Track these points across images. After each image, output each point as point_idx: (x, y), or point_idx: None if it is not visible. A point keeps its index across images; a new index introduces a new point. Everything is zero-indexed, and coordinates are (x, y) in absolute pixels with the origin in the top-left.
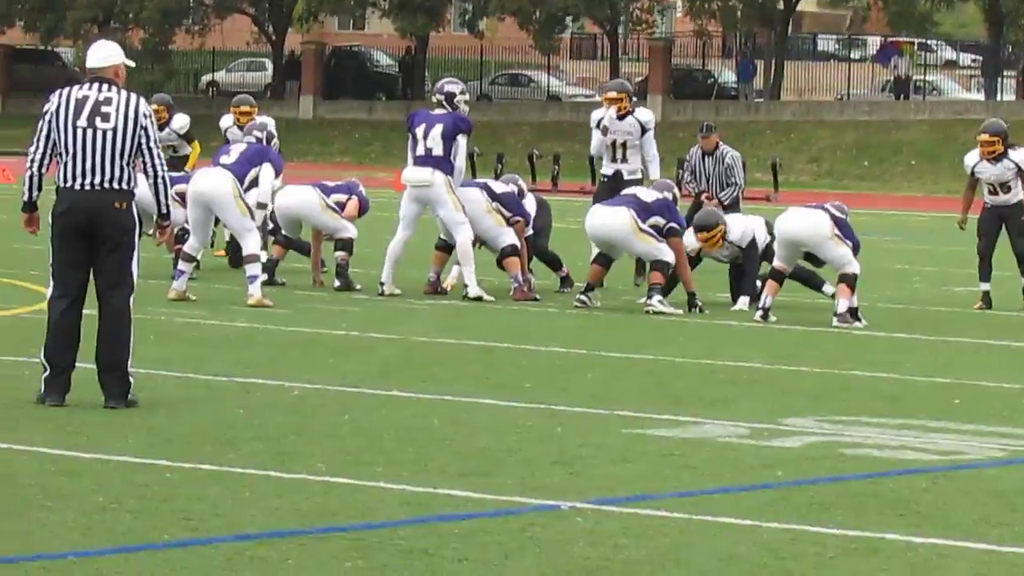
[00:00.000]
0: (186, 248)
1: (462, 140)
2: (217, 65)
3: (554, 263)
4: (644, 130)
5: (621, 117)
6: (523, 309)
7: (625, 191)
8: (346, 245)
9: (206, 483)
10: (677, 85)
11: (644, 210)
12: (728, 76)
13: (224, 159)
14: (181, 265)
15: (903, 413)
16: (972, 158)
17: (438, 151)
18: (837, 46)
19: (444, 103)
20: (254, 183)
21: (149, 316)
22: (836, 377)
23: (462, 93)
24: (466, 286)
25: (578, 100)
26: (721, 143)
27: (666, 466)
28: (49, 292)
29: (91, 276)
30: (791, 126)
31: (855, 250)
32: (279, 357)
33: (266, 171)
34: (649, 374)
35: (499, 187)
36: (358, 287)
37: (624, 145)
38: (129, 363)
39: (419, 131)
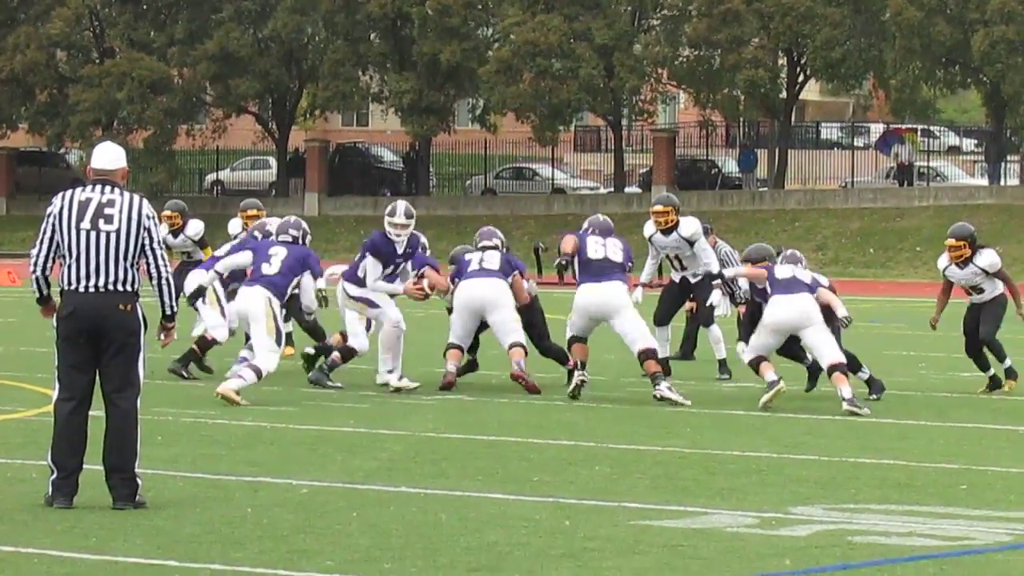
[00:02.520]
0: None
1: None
2: (221, 164)
3: (560, 357)
4: (691, 243)
5: (666, 232)
6: (530, 403)
7: None
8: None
9: None
10: (682, 175)
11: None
12: (732, 166)
13: (266, 268)
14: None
15: (911, 500)
16: (943, 261)
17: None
18: (840, 134)
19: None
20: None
21: (155, 416)
22: (843, 465)
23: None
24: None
25: (582, 192)
26: (719, 240)
27: (675, 557)
28: (55, 395)
29: (96, 377)
30: (796, 214)
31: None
32: (287, 455)
33: (307, 281)
34: (657, 465)
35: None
36: (338, 386)
37: (677, 257)
38: (136, 464)
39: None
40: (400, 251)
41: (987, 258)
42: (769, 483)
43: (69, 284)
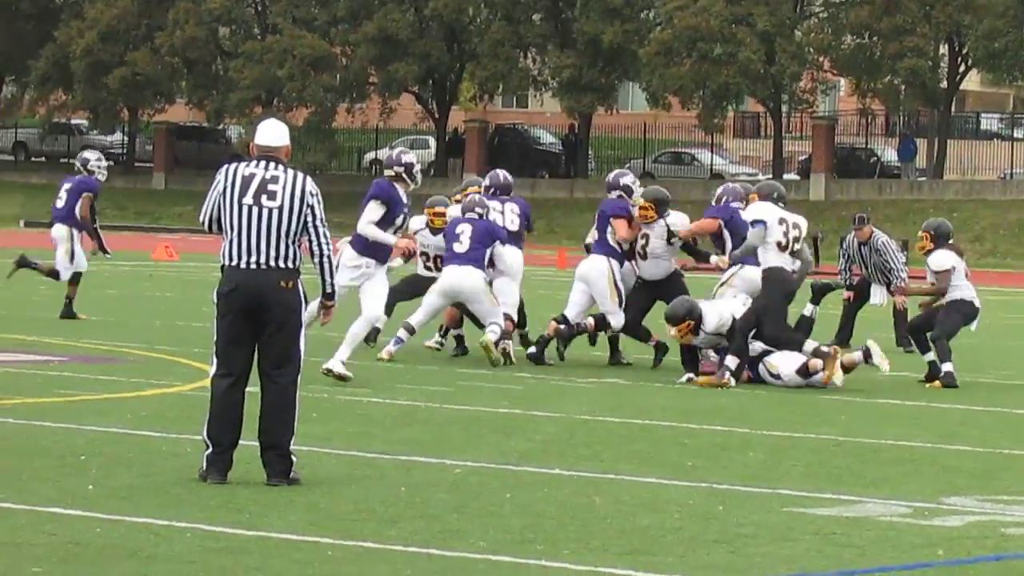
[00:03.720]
0: (411, 320)
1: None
2: (380, 143)
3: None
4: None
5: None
6: (685, 388)
7: None
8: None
9: (368, 561)
10: (840, 164)
11: None
12: (891, 155)
13: (457, 247)
14: (401, 333)
15: None
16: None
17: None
18: (1000, 125)
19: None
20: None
21: (311, 394)
22: (998, 456)
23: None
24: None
25: (741, 178)
26: (875, 231)
27: (827, 545)
28: (212, 370)
29: (254, 354)
30: (954, 205)
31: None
32: (441, 435)
33: (499, 249)
34: (811, 452)
35: None
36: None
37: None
38: (292, 441)
39: None
40: (406, 201)
41: (935, 258)
42: (923, 473)
43: (230, 260)
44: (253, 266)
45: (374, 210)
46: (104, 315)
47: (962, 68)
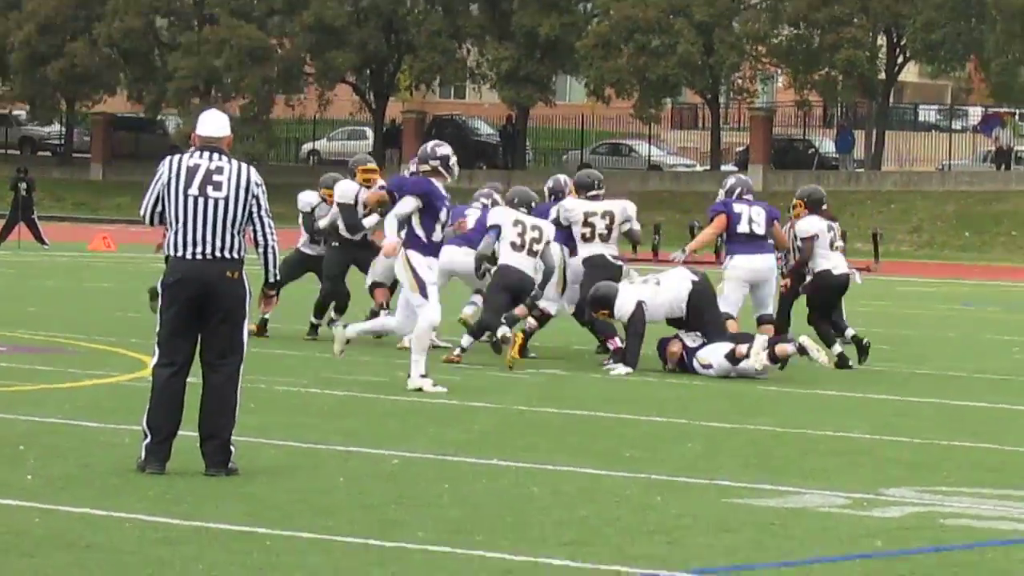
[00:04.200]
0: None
1: None
2: (318, 134)
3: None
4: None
5: None
6: (623, 378)
7: None
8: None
9: (306, 552)
10: (778, 155)
11: None
12: (829, 146)
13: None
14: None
15: (1004, 484)
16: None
17: None
18: (938, 116)
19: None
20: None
21: (248, 384)
22: (936, 448)
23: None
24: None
25: (679, 169)
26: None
27: (766, 536)
28: (154, 360)
29: (197, 344)
30: (892, 196)
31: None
32: (378, 426)
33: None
34: (749, 443)
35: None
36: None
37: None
38: (232, 431)
39: None
40: (446, 195)
41: (801, 224)
42: (861, 464)
43: (176, 251)
44: (199, 256)
45: (407, 203)
46: (41, 306)
47: (900, 59)
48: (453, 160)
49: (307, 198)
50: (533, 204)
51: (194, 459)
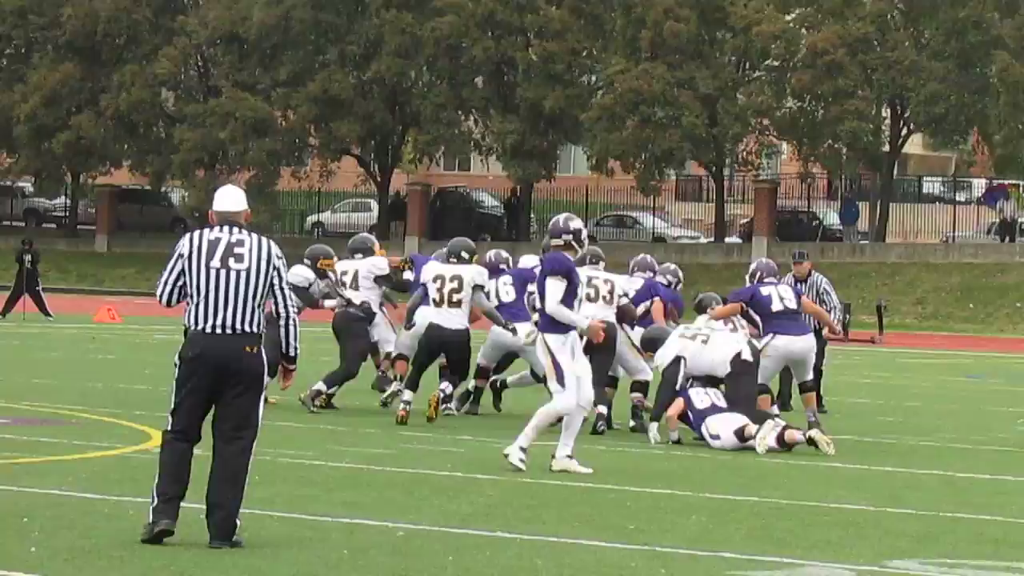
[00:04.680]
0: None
1: None
2: (323, 206)
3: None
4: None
5: None
6: (626, 450)
7: None
8: None
9: None
10: (782, 227)
11: None
12: (833, 218)
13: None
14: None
15: (1008, 556)
16: None
17: None
18: (942, 188)
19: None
20: None
21: (254, 456)
22: (941, 519)
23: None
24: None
25: (683, 241)
26: (813, 270)
27: None
28: (167, 428)
29: (208, 416)
30: (896, 268)
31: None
32: (383, 497)
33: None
34: (754, 516)
35: None
36: None
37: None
38: (240, 505)
39: None
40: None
41: None
42: (865, 536)
43: (196, 324)
44: (219, 330)
45: (557, 287)
46: (46, 377)
47: (904, 131)
48: (584, 234)
49: (303, 272)
50: (464, 254)
51: (198, 531)
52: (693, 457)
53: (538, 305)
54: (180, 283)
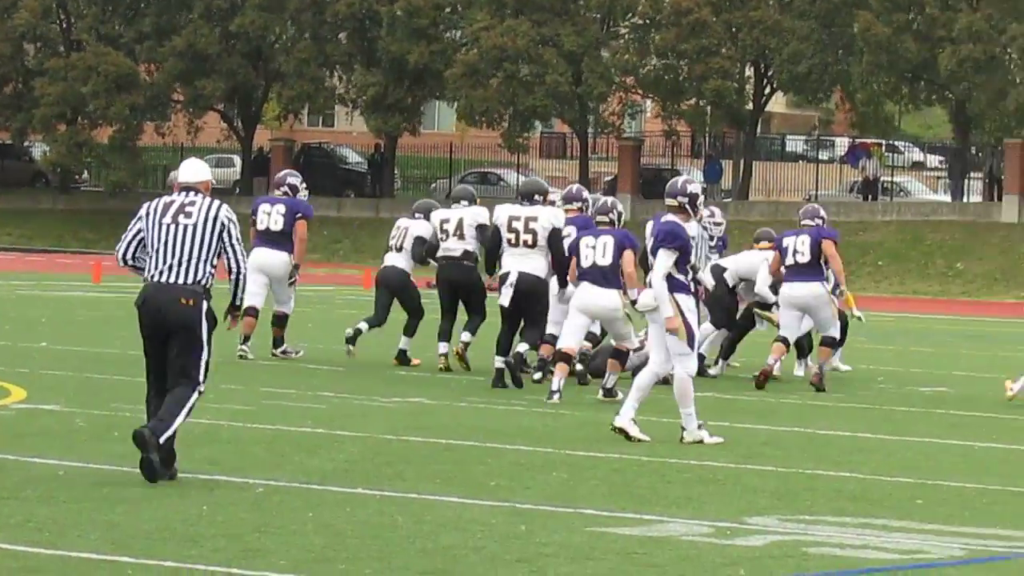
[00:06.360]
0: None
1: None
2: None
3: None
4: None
5: None
6: (489, 407)
7: None
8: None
9: None
10: (646, 184)
11: None
12: (697, 176)
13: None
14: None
15: (866, 512)
16: None
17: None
18: (805, 147)
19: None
20: None
21: (114, 412)
22: (800, 476)
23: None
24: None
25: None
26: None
27: (629, 564)
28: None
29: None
30: (759, 226)
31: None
32: (244, 454)
33: None
34: (614, 472)
35: None
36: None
37: None
38: (165, 436)
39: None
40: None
41: None
42: (725, 492)
43: (147, 274)
44: (161, 279)
45: (668, 258)
46: None
47: (767, 90)
48: (701, 199)
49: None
50: (431, 210)
51: (57, 487)
52: (555, 414)
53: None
54: (136, 242)
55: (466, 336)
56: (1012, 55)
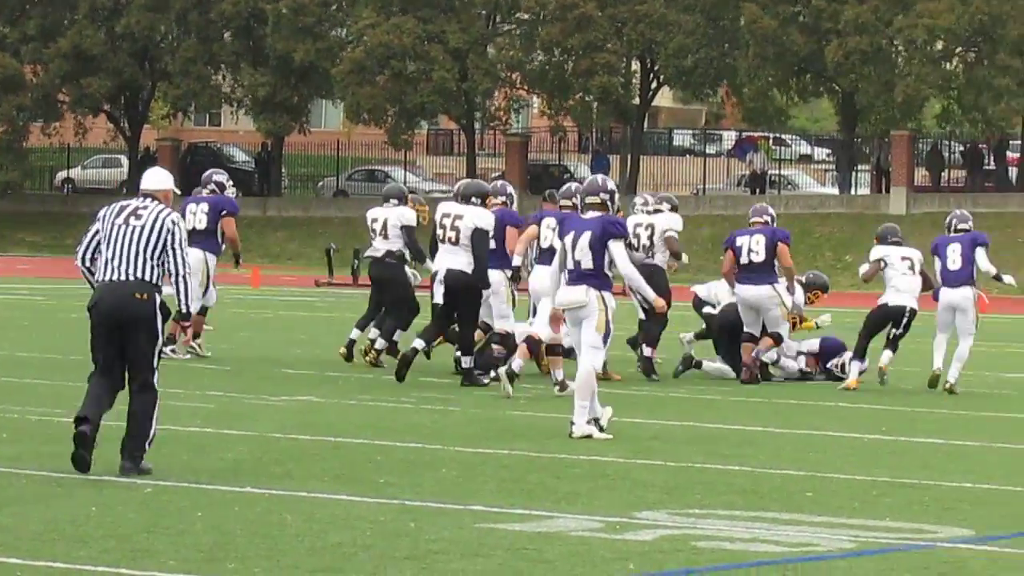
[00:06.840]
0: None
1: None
2: (72, 162)
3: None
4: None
5: None
6: (377, 404)
7: None
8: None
9: None
10: (534, 180)
11: None
12: (584, 171)
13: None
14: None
15: (756, 506)
16: None
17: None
18: (693, 141)
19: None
20: None
21: (2, 414)
22: (690, 470)
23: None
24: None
25: (435, 195)
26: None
27: (519, 560)
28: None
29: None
30: None
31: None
32: None
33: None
34: (504, 468)
35: None
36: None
37: None
38: (145, 450)
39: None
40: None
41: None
42: (615, 487)
43: (100, 275)
44: (114, 277)
45: (622, 249)
46: None
47: (654, 85)
48: (618, 195)
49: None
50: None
51: None
52: (443, 411)
53: (583, 265)
54: (94, 244)
55: (374, 334)
56: (899, 47)
